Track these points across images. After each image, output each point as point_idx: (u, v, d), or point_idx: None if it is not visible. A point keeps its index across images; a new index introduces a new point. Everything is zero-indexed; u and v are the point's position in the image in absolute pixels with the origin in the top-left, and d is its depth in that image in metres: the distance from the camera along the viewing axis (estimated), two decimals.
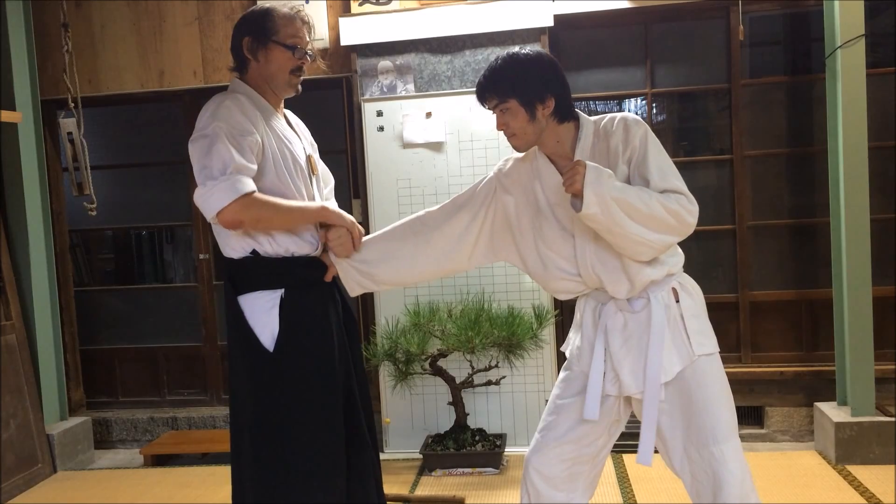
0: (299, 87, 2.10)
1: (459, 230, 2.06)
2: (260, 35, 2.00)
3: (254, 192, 1.89)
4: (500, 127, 1.94)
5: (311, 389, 2.00)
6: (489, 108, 1.94)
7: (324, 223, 2.06)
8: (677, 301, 1.93)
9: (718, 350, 1.95)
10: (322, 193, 2.19)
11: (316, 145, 2.29)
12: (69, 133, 3.69)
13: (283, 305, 1.99)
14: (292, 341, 1.98)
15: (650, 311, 1.89)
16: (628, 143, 1.88)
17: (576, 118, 1.96)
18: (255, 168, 1.92)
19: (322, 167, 2.26)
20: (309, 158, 2.13)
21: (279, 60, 2.01)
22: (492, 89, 1.90)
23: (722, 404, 1.88)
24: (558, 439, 1.97)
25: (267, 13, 2.02)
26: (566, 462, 1.98)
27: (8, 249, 3.89)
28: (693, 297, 1.97)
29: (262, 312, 1.99)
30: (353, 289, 2.13)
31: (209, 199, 1.89)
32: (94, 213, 3.74)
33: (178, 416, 4.34)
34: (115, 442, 4.37)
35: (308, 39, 2.05)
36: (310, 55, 2.06)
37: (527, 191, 1.99)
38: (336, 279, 2.15)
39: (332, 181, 2.31)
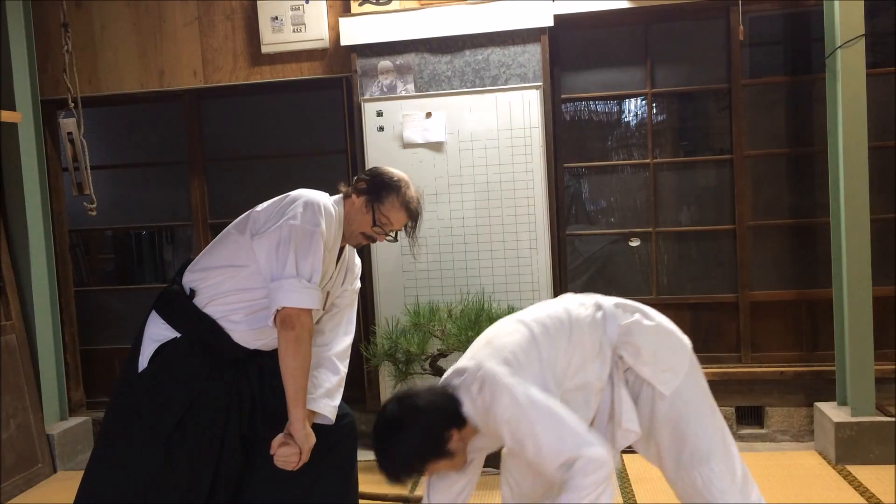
0: (360, 245, 2.28)
1: None
2: (371, 192, 2.15)
3: (311, 310, 2.02)
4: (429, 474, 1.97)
5: (138, 433, 2.08)
6: None
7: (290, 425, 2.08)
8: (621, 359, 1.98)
9: (688, 367, 1.97)
10: (315, 316, 2.23)
11: (353, 277, 2.36)
12: (69, 133, 3.69)
13: (167, 347, 2.09)
14: (152, 382, 2.08)
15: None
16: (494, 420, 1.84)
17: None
18: None
19: (340, 302, 2.34)
20: (327, 295, 2.22)
21: (363, 219, 2.16)
22: (396, 480, 1.89)
23: (697, 427, 1.92)
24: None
25: (394, 186, 2.15)
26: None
27: (8, 249, 3.89)
28: (640, 348, 1.96)
29: (150, 340, 2.11)
30: None
31: (290, 293, 1.98)
32: (94, 213, 3.73)
33: None
34: None
35: (400, 226, 2.20)
36: (390, 239, 2.22)
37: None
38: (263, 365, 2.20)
39: (338, 313, 2.35)
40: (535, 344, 1.89)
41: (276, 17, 3.94)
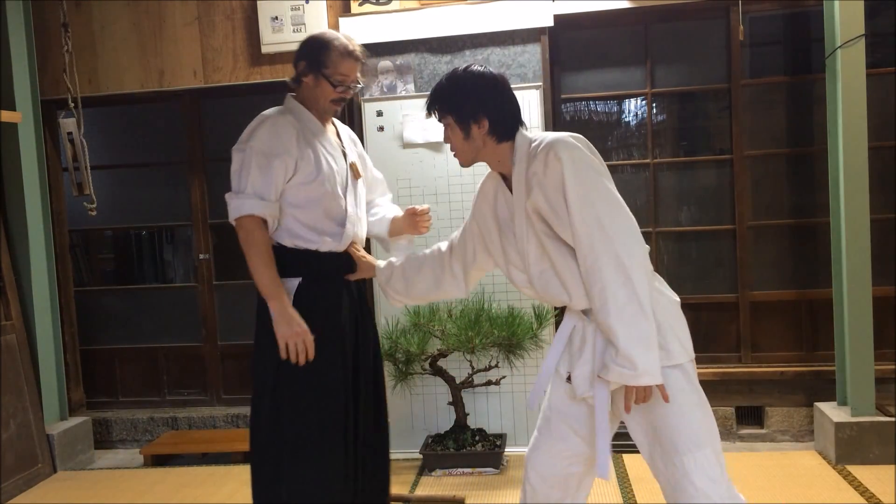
0: (338, 110, 2.33)
1: (472, 259, 2.15)
2: (313, 64, 2.22)
3: (252, 215, 2.12)
4: (445, 141, 2.03)
5: (318, 377, 2.18)
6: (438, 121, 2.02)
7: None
8: None
9: (690, 359, 1.87)
10: (358, 198, 2.34)
11: (364, 154, 2.48)
12: (69, 133, 3.69)
13: (299, 294, 2.19)
14: (308, 327, 2.16)
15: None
16: (546, 174, 1.81)
17: (514, 139, 1.94)
18: (274, 189, 2.15)
19: (372, 173, 2.47)
20: (352, 166, 2.32)
21: (324, 90, 2.24)
22: (433, 105, 2.00)
23: (684, 414, 1.81)
24: (553, 437, 1.97)
25: (325, 46, 2.22)
26: (563, 460, 1.98)
27: (8, 249, 3.89)
28: (655, 312, 1.80)
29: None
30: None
31: (229, 207, 2.17)
32: (94, 213, 3.74)
33: (177, 416, 4.34)
34: (115, 442, 4.37)
35: (357, 74, 2.27)
36: (353, 88, 2.27)
37: (492, 208, 2.03)
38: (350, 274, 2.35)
39: (380, 185, 2.52)
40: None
41: (276, 17, 3.94)
